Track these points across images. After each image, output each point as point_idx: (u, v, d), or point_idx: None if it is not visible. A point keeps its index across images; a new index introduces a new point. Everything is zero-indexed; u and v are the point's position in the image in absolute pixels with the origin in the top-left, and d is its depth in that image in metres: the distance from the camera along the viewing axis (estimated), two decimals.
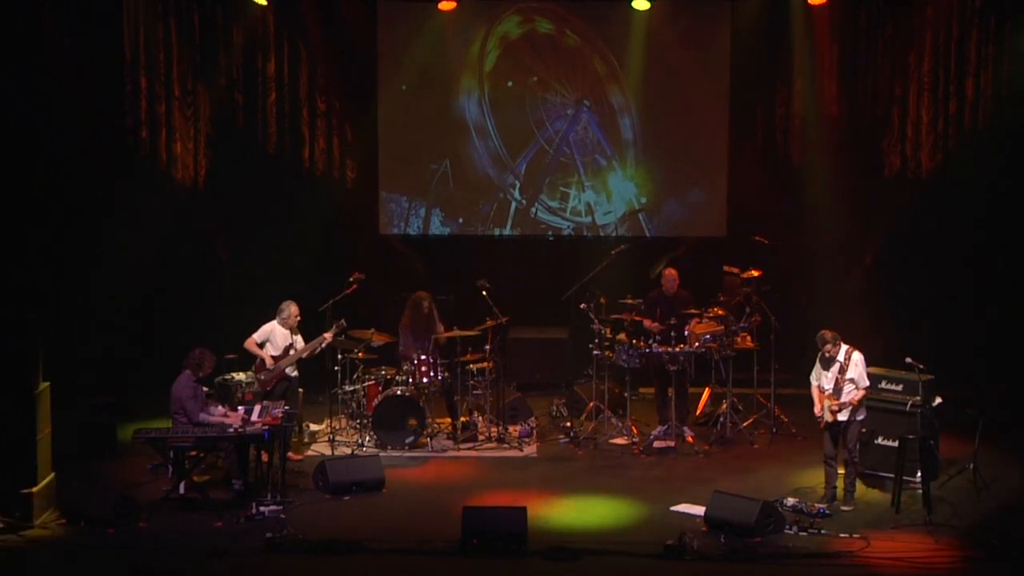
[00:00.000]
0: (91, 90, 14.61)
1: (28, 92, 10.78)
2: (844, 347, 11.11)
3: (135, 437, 11.24)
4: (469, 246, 16.35)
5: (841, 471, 11.29)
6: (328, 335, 12.54)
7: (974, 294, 15.21)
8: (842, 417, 11.05)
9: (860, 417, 11.18)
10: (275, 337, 12.41)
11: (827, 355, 11.11)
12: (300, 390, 12.85)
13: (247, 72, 15.82)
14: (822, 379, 11.15)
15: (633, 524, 10.92)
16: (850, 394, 10.98)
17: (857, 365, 11.03)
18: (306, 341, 12.59)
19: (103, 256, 14.72)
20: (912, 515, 10.94)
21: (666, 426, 13.22)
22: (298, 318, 12.49)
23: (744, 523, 10.39)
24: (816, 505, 11.00)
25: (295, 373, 12.56)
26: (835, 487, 11.23)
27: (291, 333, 12.46)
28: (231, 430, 11.15)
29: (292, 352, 12.43)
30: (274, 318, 12.48)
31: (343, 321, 12.62)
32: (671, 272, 13.57)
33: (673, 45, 15.83)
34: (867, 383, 11.09)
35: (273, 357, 12.36)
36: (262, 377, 12.34)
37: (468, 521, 10.30)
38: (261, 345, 12.39)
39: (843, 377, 11.00)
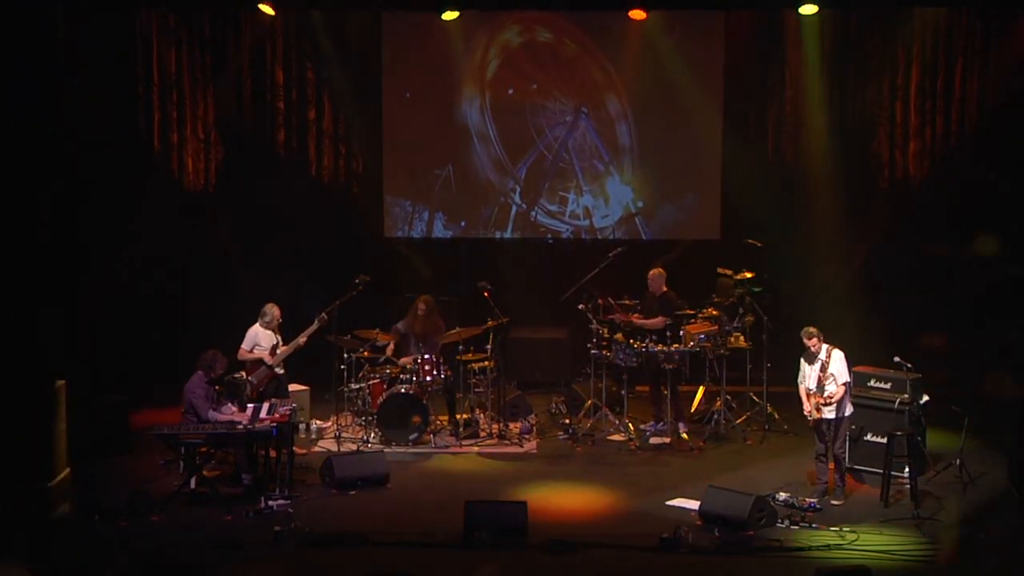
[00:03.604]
0: (104, 94, 14.71)
1: (43, 93, 10.91)
2: (825, 346, 11.30)
3: (148, 434, 11.47)
4: (471, 249, 16.44)
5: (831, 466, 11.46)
6: (302, 338, 12.66)
7: (964, 295, 15.28)
8: (828, 414, 11.22)
9: (847, 414, 11.37)
10: (260, 339, 12.58)
11: (813, 350, 11.28)
12: (307, 388, 13.09)
13: (256, 80, 15.97)
14: (807, 379, 11.33)
15: (629, 518, 11.07)
16: (832, 389, 11.17)
17: (837, 362, 11.21)
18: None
19: (118, 255, 14.86)
20: (900, 509, 11.10)
21: (661, 422, 13.45)
22: (279, 320, 12.70)
23: (737, 517, 10.56)
24: (807, 499, 11.15)
25: (282, 371, 12.73)
26: (825, 482, 11.37)
27: (274, 334, 12.68)
28: (240, 427, 11.34)
29: (278, 351, 12.65)
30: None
31: (324, 315, 12.76)
32: (654, 272, 13.72)
33: (669, 54, 15.87)
34: (847, 378, 11.25)
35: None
36: (253, 380, 12.50)
37: (470, 515, 10.45)
38: (251, 350, 12.61)
39: (824, 374, 11.17)
